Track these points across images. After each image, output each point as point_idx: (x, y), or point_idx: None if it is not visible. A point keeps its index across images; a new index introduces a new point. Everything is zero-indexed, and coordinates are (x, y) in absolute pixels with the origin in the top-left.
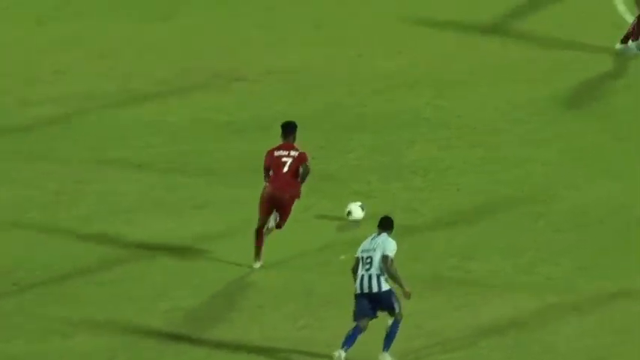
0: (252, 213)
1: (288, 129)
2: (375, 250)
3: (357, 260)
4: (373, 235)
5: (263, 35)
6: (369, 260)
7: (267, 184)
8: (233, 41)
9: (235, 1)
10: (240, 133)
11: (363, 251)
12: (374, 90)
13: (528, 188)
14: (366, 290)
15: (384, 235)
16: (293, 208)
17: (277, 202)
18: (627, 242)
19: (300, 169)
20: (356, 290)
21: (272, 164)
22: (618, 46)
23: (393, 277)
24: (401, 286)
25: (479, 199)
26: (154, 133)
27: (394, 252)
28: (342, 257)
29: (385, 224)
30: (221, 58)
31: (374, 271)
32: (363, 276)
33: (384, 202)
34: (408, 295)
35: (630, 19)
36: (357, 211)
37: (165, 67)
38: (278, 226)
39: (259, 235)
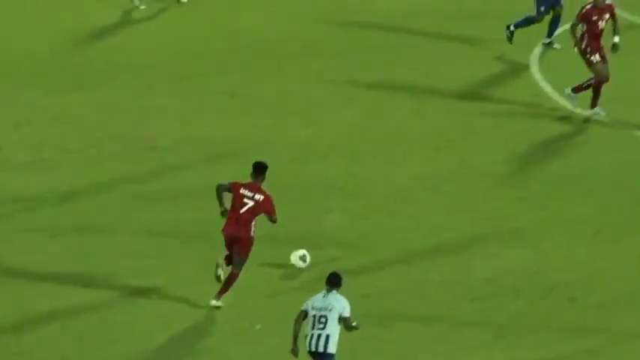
0: (160, 282)
1: (259, 169)
2: (330, 310)
3: (305, 314)
4: (323, 292)
5: (177, 104)
6: (323, 320)
7: (226, 223)
8: (146, 111)
9: (149, 70)
10: (153, 202)
11: (314, 309)
12: (288, 159)
13: (443, 256)
14: (313, 349)
15: (335, 293)
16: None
17: (235, 241)
18: (542, 310)
19: (272, 222)
20: (306, 348)
21: (234, 199)
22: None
23: (352, 330)
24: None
25: (395, 268)
26: (66, 202)
27: (350, 312)
28: (258, 327)
29: (334, 281)
30: (134, 128)
31: (327, 331)
32: (313, 335)
33: (300, 272)
34: (359, 326)
35: (547, 88)
36: (296, 261)
37: (77, 137)
38: (234, 273)
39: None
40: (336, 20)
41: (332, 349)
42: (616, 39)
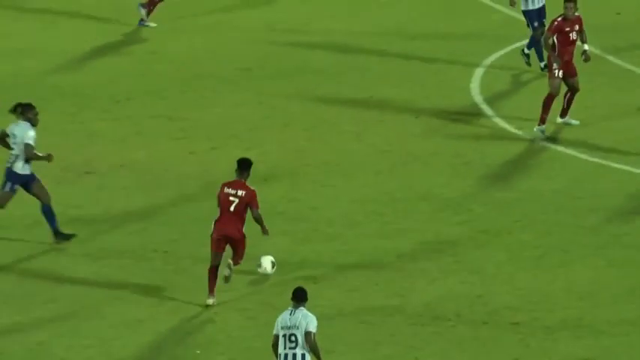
0: (99, 306)
1: (243, 165)
2: (297, 327)
3: (277, 337)
4: (290, 309)
5: (114, 128)
6: (293, 339)
7: (215, 223)
8: (84, 134)
9: (86, 94)
10: (91, 226)
11: (283, 328)
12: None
13: (384, 281)
14: None
15: (302, 309)
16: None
17: (228, 240)
18: (485, 335)
19: (254, 217)
20: None
21: (221, 201)
22: (559, 120)
23: (314, 351)
24: (319, 358)
25: (335, 293)
26: (5, 227)
27: (316, 327)
28: (198, 352)
29: (300, 297)
30: (71, 151)
31: (299, 350)
32: (287, 355)
33: (245, 296)
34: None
35: (488, 110)
36: (267, 264)
37: None
38: (235, 263)
39: (211, 274)
40: (275, 43)
41: None
42: (586, 46)
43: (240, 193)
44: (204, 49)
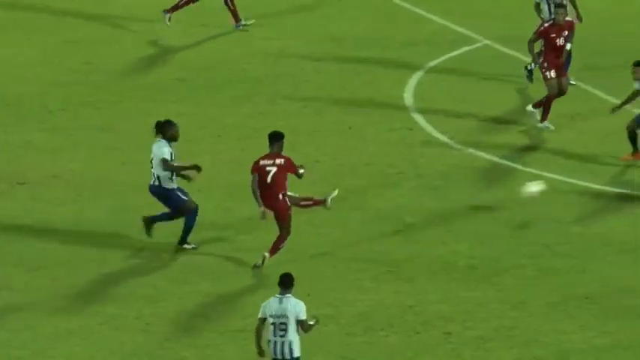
0: (30, 316)
1: (274, 138)
2: (287, 316)
3: (263, 322)
4: (278, 297)
5: (47, 139)
6: (283, 327)
7: (262, 199)
8: (16, 145)
9: (18, 104)
10: (23, 236)
11: (272, 316)
12: None
13: (317, 290)
14: (279, 356)
15: (289, 296)
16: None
17: (274, 212)
18: (417, 345)
19: (297, 176)
20: (271, 355)
21: (259, 175)
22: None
23: (310, 330)
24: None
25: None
26: None
27: (306, 313)
28: None
29: (287, 282)
30: (4, 162)
31: (289, 337)
32: (276, 342)
33: (178, 307)
34: (317, 323)
35: (421, 120)
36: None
37: None
38: (282, 236)
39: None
40: (210, 52)
41: (297, 352)
42: (568, 45)
43: (278, 161)
44: (139, 60)
